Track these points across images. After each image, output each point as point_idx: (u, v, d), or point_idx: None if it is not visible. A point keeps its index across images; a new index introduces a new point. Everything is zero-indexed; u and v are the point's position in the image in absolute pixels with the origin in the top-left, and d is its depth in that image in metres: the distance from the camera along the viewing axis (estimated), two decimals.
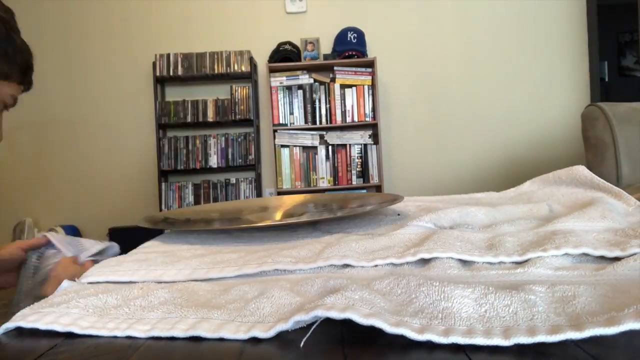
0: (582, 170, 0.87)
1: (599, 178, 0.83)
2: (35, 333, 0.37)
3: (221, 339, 0.33)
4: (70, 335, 0.36)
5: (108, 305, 0.40)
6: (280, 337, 0.32)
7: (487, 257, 0.47)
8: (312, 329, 0.32)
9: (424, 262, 0.48)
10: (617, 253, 0.45)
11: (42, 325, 0.37)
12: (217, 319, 0.35)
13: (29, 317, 0.38)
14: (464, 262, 0.47)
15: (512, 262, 0.46)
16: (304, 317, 0.32)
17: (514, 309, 0.33)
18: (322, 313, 0.31)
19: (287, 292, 0.38)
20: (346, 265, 0.48)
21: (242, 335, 0.32)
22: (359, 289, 0.36)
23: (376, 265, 0.47)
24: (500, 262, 0.47)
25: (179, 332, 0.34)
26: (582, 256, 0.47)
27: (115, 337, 0.35)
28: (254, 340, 0.32)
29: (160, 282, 0.47)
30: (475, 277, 0.43)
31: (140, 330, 0.35)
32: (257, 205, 0.94)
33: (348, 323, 0.32)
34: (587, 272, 0.42)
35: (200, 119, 3.47)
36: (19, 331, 0.38)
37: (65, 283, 0.48)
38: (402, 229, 0.62)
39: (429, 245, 0.49)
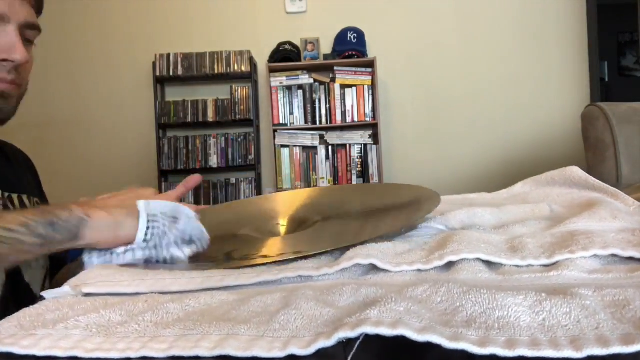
0: (576, 170, 0.85)
1: (593, 178, 0.82)
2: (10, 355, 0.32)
3: (254, 358, 0.29)
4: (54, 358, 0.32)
5: (113, 323, 0.36)
6: (318, 352, 0.30)
7: (515, 260, 0.46)
8: (357, 345, 0.29)
9: (449, 265, 0.47)
10: None
11: (39, 351, 0.32)
12: (245, 334, 0.32)
13: (23, 342, 0.33)
14: (490, 265, 0.46)
15: (540, 265, 0.46)
16: (350, 334, 0.29)
17: (576, 317, 0.31)
18: (370, 330, 0.29)
19: (314, 302, 0.36)
20: (368, 272, 0.46)
21: (279, 353, 0.29)
22: (400, 299, 0.34)
23: (401, 271, 0.46)
24: (528, 265, 0.46)
25: (204, 350, 0.30)
26: (609, 257, 0.47)
27: (129, 358, 0.31)
28: (290, 358, 0.29)
29: (166, 294, 0.43)
30: (509, 282, 0.42)
31: (158, 350, 0.31)
32: (258, 210, 0.79)
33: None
34: (621, 274, 0.42)
35: (200, 119, 3.47)
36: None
37: (66, 287, 0.44)
38: (414, 231, 0.61)
39: (453, 247, 0.48)
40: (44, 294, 0.44)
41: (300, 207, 0.75)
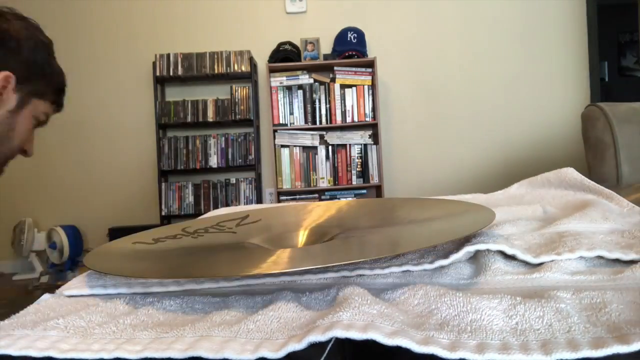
0: (571, 172, 0.85)
1: (589, 180, 0.82)
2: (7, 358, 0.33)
3: None
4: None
5: (92, 324, 0.36)
6: (292, 355, 0.29)
7: (503, 246, 0.46)
8: (328, 348, 0.29)
9: (435, 269, 0.47)
10: (632, 256, 0.45)
11: (14, 350, 0.32)
12: (218, 335, 0.32)
13: (0, 342, 0.34)
14: (476, 269, 0.46)
15: (525, 263, 0.46)
16: (320, 338, 0.29)
17: (548, 320, 0.31)
18: (341, 334, 0.29)
19: (295, 304, 0.36)
20: (352, 274, 0.46)
21: (249, 355, 0.29)
22: (374, 301, 0.34)
23: (391, 273, 0.45)
24: (513, 255, 0.46)
25: (176, 352, 0.30)
26: (595, 259, 0.47)
27: (102, 359, 0.31)
28: None
29: (148, 295, 0.43)
30: (490, 284, 0.42)
31: (131, 351, 0.31)
32: (277, 220, 0.71)
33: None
34: (604, 276, 0.41)
35: (200, 119, 3.47)
36: None
37: (46, 295, 0.44)
38: None
39: (444, 253, 0.48)
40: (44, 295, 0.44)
41: (322, 220, 0.68)
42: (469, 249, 0.46)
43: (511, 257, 0.48)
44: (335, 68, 3.44)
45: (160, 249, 0.55)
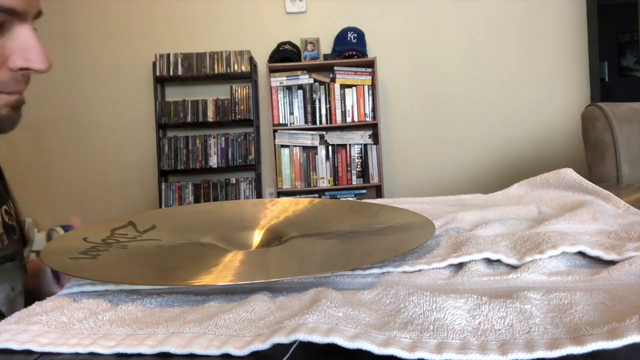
0: (569, 173, 0.86)
1: (587, 181, 0.82)
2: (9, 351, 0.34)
3: (192, 355, 0.30)
4: (47, 354, 0.33)
5: (73, 320, 0.37)
6: (256, 353, 0.30)
7: (487, 254, 0.46)
8: (292, 349, 0.30)
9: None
10: (613, 256, 0.44)
11: None
12: (188, 332, 0.33)
13: None
14: (455, 270, 0.46)
15: (509, 265, 0.46)
16: (283, 340, 0.30)
17: (510, 321, 0.31)
18: (303, 337, 0.29)
19: (269, 303, 0.37)
20: (334, 274, 0.46)
21: (214, 350, 0.30)
22: (342, 303, 0.34)
23: (371, 273, 0.46)
24: (497, 260, 0.46)
25: (146, 348, 0.32)
26: (576, 259, 0.46)
27: (78, 353, 0.32)
28: (227, 357, 0.30)
29: (133, 291, 0.44)
30: (467, 285, 0.42)
31: (105, 347, 0.32)
32: (234, 217, 0.69)
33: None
34: (581, 277, 0.41)
35: (200, 119, 3.48)
36: None
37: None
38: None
39: (428, 259, 0.48)
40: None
41: (281, 219, 0.67)
42: (453, 261, 0.46)
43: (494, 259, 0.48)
44: (335, 68, 3.44)
45: (136, 247, 0.55)
